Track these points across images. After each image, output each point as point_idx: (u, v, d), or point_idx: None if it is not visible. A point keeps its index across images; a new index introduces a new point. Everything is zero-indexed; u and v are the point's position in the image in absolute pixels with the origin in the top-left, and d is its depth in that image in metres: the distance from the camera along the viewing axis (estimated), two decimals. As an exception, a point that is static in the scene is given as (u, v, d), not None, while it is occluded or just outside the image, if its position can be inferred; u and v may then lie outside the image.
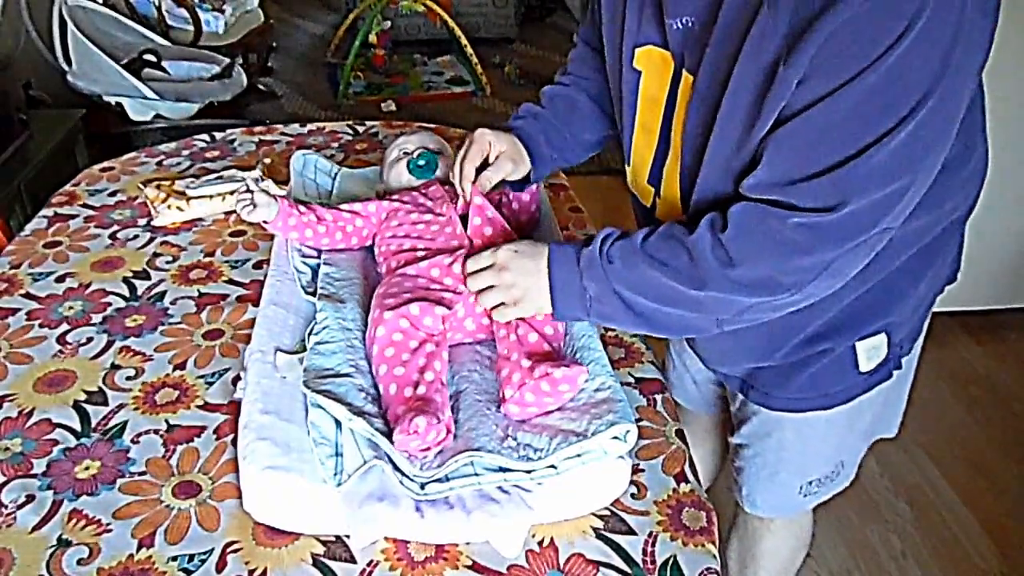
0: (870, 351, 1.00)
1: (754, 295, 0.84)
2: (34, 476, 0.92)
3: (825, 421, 1.06)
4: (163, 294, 1.22)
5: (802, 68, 0.73)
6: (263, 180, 1.47)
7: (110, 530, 0.86)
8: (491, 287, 0.98)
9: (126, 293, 1.23)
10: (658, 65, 0.91)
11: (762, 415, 1.10)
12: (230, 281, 1.26)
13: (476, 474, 0.85)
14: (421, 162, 1.22)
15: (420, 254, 1.07)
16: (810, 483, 1.14)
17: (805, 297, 0.85)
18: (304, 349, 1.00)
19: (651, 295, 0.89)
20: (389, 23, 4.33)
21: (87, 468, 0.93)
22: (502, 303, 0.97)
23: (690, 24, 0.84)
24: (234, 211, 1.42)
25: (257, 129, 1.78)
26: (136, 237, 1.37)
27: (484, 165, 1.11)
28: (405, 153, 1.26)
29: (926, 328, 1.09)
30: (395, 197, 1.19)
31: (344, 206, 1.19)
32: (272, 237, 1.24)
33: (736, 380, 1.09)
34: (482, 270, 0.98)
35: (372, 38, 4.16)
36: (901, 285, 0.97)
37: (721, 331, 0.90)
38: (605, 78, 1.08)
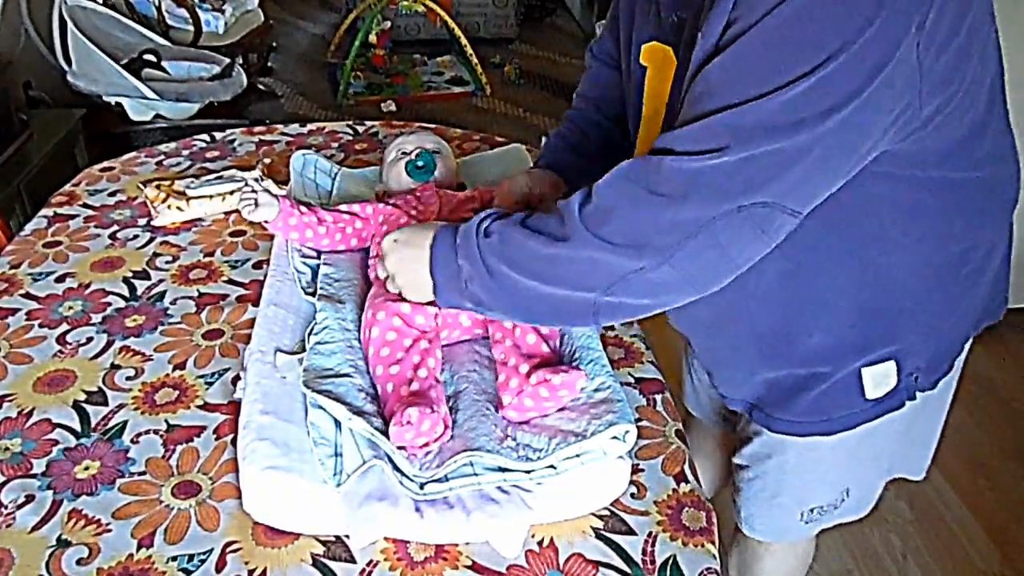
0: (877, 378, 0.94)
1: (623, 256, 0.77)
2: (34, 476, 0.92)
3: (829, 447, 1.00)
4: (163, 294, 1.22)
5: (724, 16, 0.71)
6: (263, 180, 1.47)
7: (110, 530, 0.86)
8: (388, 277, 0.98)
9: (126, 293, 1.23)
10: (661, 60, 0.91)
11: (764, 437, 1.05)
12: (230, 281, 1.26)
13: (476, 474, 0.85)
14: (420, 163, 1.22)
15: None
16: (811, 510, 1.09)
17: (684, 277, 0.78)
18: (304, 349, 1.00)
19: (520, 267, 0.83)
20: (389, 23, 4.32)
21: (87, 468, 0.93)
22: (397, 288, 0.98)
23: (684, 17, 0.84)
24: (234, 211, 1.42)
25: (257, 129, 1.78)
26: (136, 237, 1.37)
27: (526, 204, 1.08)
28: (403, 154, 1.26)
29: (959, 366, 1.03)
30: (391, 201, 1.19)
31: (343, 207, 1.19)
32: (272, 237, 1.24)
33: (740, 401, 1.05)
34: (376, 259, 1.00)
35: (372, 38, 4.16)
36: (908, 309, 0.91)
37: (596, 324, 0.85)
38: (622, 96, 1.06)
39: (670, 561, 0.84)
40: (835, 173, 0.74)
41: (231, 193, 1.43)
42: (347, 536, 0.85)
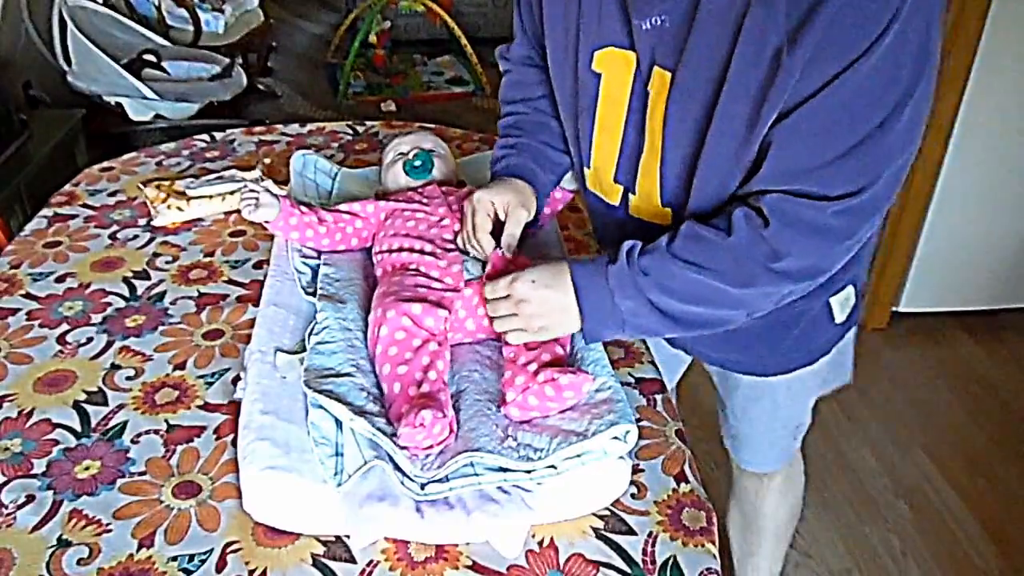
0: (843, 303, 1.07)
1: (799, 283, 0.88)
2: (34, 476, 0.92)
3: (810, 373, 1.15)
4: (163, 294, 1.22)
5: (806, 55, 0.76)
6: (263, 180, 1.47)
7: (110, 530, 0.86)
8: (511, 316, 0.96)
9: (126, 293, 1.23)
10: (619, 66, 0.92)
11: (750, 381, 1.18)
12: (230, 281, 1.26)
13: (476, 474, 0.85)
14: (417, 163, 1.22)
15: (415, 256, 1.07)
16: (798, 427, 1.27)
17: (831, 268, 0.89)
18: (304, 349, 1.00)
19: (690, 299, 0.89)
20: (389, 23, 4.33)
21: (87, 468, 0.93)
22: (521, 330, 0.96)
23: (662, 22, 0.85)
24: (234, 211, 1.42)
25: (257, 129, 1.78)
26: (136, 237, 1.37)
27: (497, 224, 1.07)
28: (400, 154, 1.26)
29: None
30: (392, 199, 1.19)
31: (343, 207, 1.19)
32: (272, 237, 1.24)
33: (719, 360, 1.16)
34: (501, 299, 0.96)
35: (372, 38, 4.16)
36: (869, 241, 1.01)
37: (749, 318, 0.93)
38: (548, 94, 1.09)
39: (670, 561, 0.84)
40: None
41: (231, 193, 1.43)
42: (347, 536, 0.85)
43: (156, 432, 0.98)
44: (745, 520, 1.45)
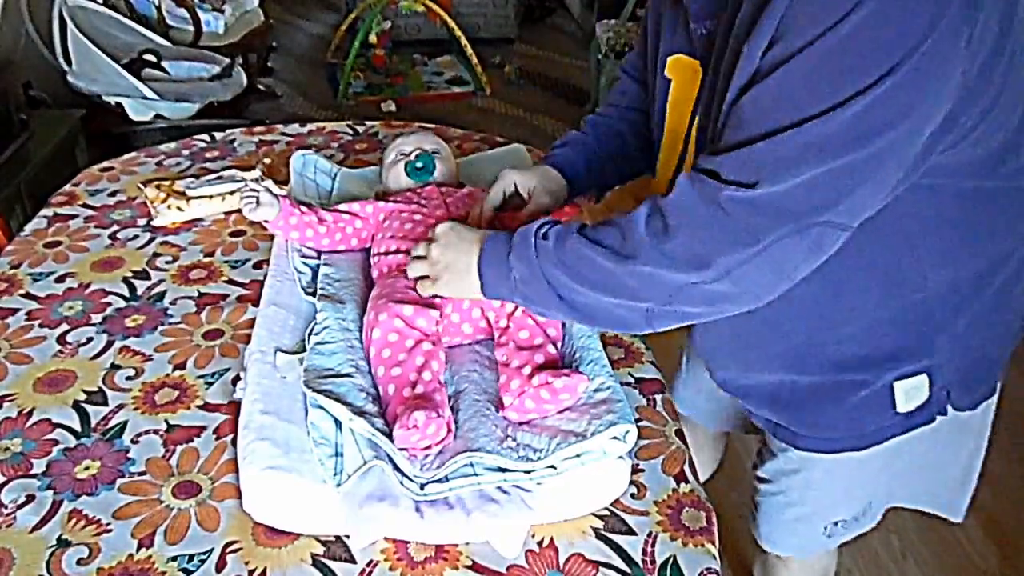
0: (908, 391, 0.93)
1: (682, 271, 0.79)
2: (34, 476, 0.92)
3: (857, 461, 0.99)
4: (163, 294, 1.22)
5: (766, 37, 0.72)
6: (263, 180, 1.47)
7: (110, 530, 0.86)
8: (422, 258, 0.98)
9: (126, 293, 1.23)
10: (687, 73, 0.91)
11: (790, 453, 1.03)
12: (230, 281, 1.26)
13: (476, 474, 0.85)
14: (418, 164, 1.22)
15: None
16: (836, 524, 1.08)
17: (741, 290, 0.79)
18: (304, 349, 1.00)
19: (577, 276, 0.85)
20: (389, 23, 4.33)
21: (87, 468, 0.93)
22: (425, 276, 0.97)
23: (712, 29, 0.84)
24: (234, 211, 1.42)
25: (257, 129, 1.78)
26: (136, 237, 1.37)
27: (519, 203, 1.08)
28: (402, 155, 1.26)
29: (996, 393, 1.03)
30: (392, 199, 1.19)
31: (343, 207, 1.19)
32: (272, 237, 1.24)
33: (763, 420, 1.03)
34: (426, 242, 0.99)
35: (372, 38, 4.16)
36: (939, 322, 0.90)
37: (652, 329, 0.86)
38: (646, 112, 1.06)
39: (670, 561, 0.84)
40: (886, 188, 0.75)
41: (231, 193, 1.43)
42: (347, 536, 0.85)
43: (156, 432, 0.98)
44: None
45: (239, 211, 1.41)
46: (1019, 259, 0.92)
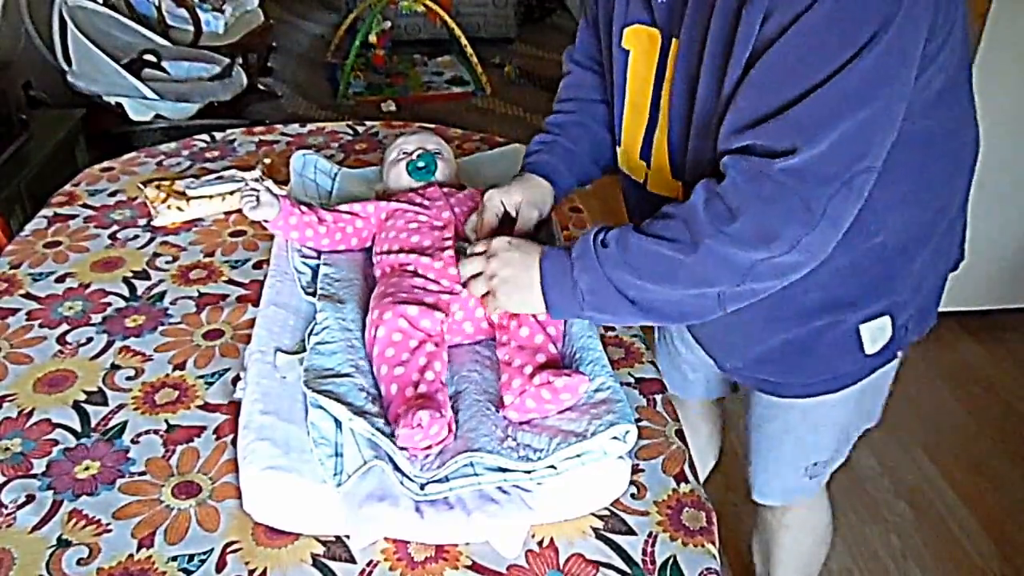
0: (874, 332, 0.99)
1: (752, 250, 0.81)
2: (34, 476, 0.92)
3: (831, 404, 1.07)
4: (163, 294, 1.22)
5: (763, 5, 0.75)
6: (263, 180, 1.47)
7: (110, 530, 0.86)
8: (480, 275, 0.97)
9: (126, 293, 1.23)
10: (645, 43, 0.92)
11: (766, 399, 1.11)
12: (230, 281, 1.26)
13: (476, 474, 0.85)
14: (420, 164, 1.22)
15: (413, 257, 1.07)
16: (815, 464, 1.16)
17: (807, 256, 0.83)
18: (304, 349, 1.00)
19: (647, 273, 0.86)
20: (389, 23, 4.32)
21: (87, 468, 0.93)
22: (489, 293, 0.96)
23: None
24: (234, 211, 1.42)
25: (257, 129, 1.78)
26: (136, 237, 1.37)
27: (508, 220, 1.07)
28: (404, 154, 1.26)
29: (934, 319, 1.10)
30: (393, 199, 1.19)
31: (343, 207, 1.19)
32: (272, 237, 1.24)
33: (745, 374, 1.09)
34: (475, 255, 0.98)
35: (372, 38, 4.16)
36: (898, 266, 0.96)
37: (724, 312, 0.88)
38: (606, 100, 1.07)
39: (670, 561, 0.84)
40: (899, 121, 0.80)
41: (231, 193, 1.43)
42: (347, 536, 0.85)
43: (156, 432, 0.98)
44: (763, 549, 1.37)
45: (239, 211, 1.41)
46: (959, 203, 1.01)
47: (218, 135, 1.74)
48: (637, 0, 0.92)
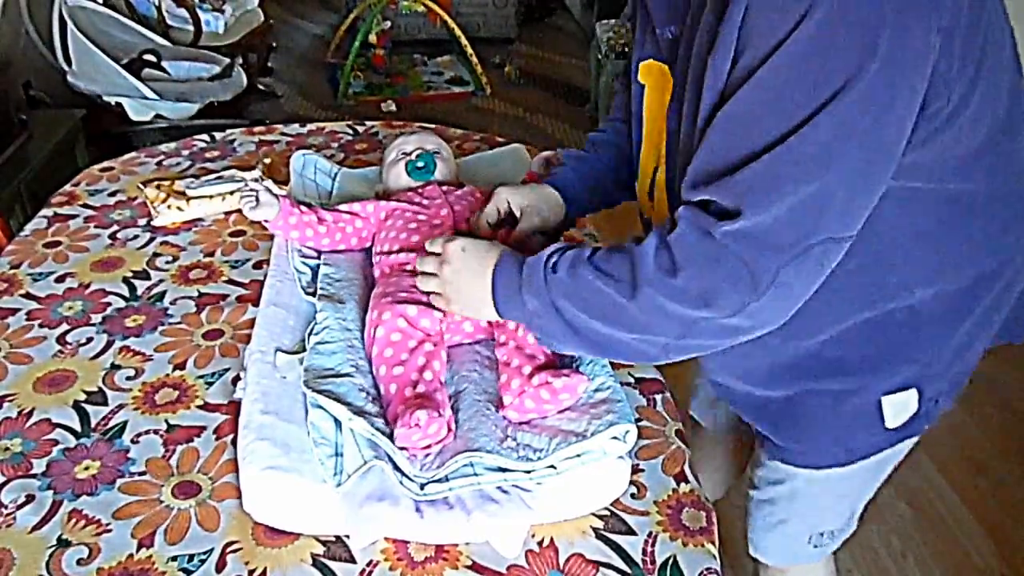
0: (897, 407, 0.89)
1: (692, 308, 0.75)
2: (34, 476, 0.92)
3: (842, 476, 0.96)
4: (163, 294, 1.22)
5: (730, 50, 0.70)
6: (263, 180, 1.47)
7: (110, 530, 0.86)
8: (433, 274, 0.95)
9: (126, 293, 1.23)
10: (657, 77, 0.89)
11: (777, 462, 1.00)
12: (230, 281, 1.26)
13: (476, 474, 0.85)
14: (420, 164, 1.22)
15: (413, 256, 1.07)
16: (821, 535, 1.06)
17: (756, 322, 0.76)
18: (304, 349, 1.00)
19: (590, 309, 0.81)
20: (389, 23, 4.33)
21: (87, 468, 0.93)
22: (438, 294, 0.95)
23: (676, 33, 0.83)
24: (234, 211, 1.42)
25: (257, 129, 1.78)
26: (136, 237, 1.37)
27: (513, 221, 1.06)
28: (403, 154, 1.26)
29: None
30: (393, 199, 1.19)
31: (343, 207, 1.19)
32: (272, 237, 1.24)
33: (755, 429, 1.00)
34: (432, 255, 0.96)
35: (372, 38, 4.17)
36: (928, 337, 0.86)
37: (669, 360, 0.82)
38: None
39: (670, 561, 0.84)
40: (877, 187, 0.72)
41: (231, 193, 1.43)
42: (347, 536, 0.85)
43: (156, 432, 0.98)
44: None
45: (239, 211, 1.41)
46: (1011, 272, 0.88)
47: (218, 135, 1.74)
48: (649, 35, 0.89)
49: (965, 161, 0.77)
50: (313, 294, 1.10)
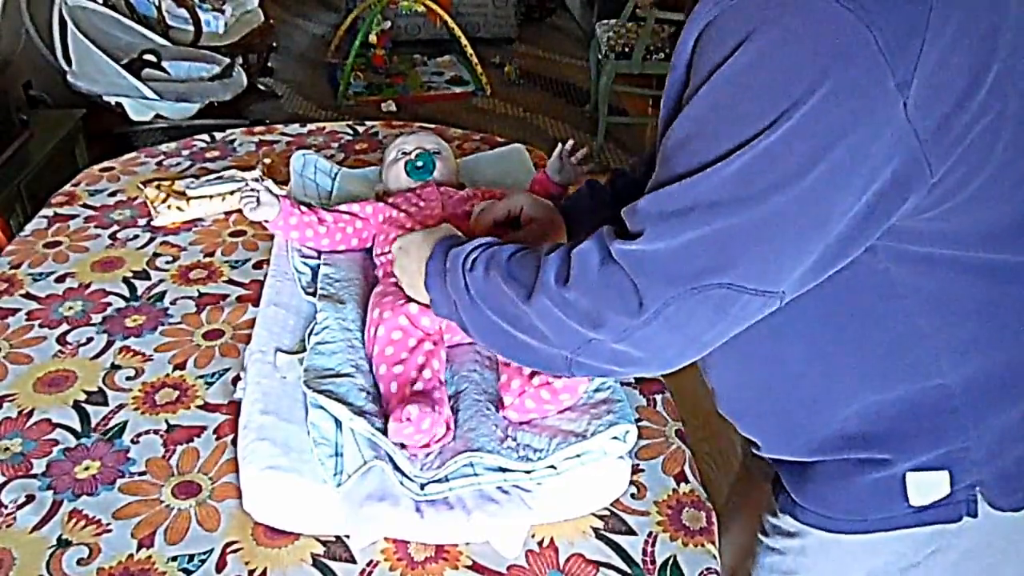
0: (923, 486, 0.79)
1: (582, 325, 0.72)
2: (34, 476, 0.92)
3: (859, 544, 0.85)
4: (163, 294, 1.22)
5: (676, 77, 0.68)
6: (263, 180, 1.47)
7: (110, 530, 0.86)
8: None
9: (126, 293, 1.23)
10: None
11: (789, 516, 0.91)
12: (230, 281, 1.26)
13: (476, 474, 0.85)
14: (419, 164, 1.22)
15: None
16: None
17: (648, 354, 0.71)
18: (304, 349, 1.00)
19: (499, 311, 0.79)
20: (389, 23, 4.33)
21: (87, 468, 0.93)
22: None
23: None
24: (234, 211, 1.42)
25: (257, 129, 1.78)
26: (136, 237, 1.37)
27: (517, 225, 1.06)
28: (403, 154, 1.26)
29: None
30: (391, 200, 1.20)
31: (343, 207, 1.19)
32: (272, 237, 1.24)
33: (774, 477, 0.92)
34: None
35: (372, 38, 4.16)
36: (963, 418, 0.77)
37: (574, 375, 0.79)
38: None
39: (670, 561, 0.84)
40: (804, 250, 0.65)
41: (231, 193, 1.43)
42: (347, 536, 0.85)
43: (156, 432, 0.98)
44: None
45: (239, 211, 1.41)
46: None
47: (218, 135, 1.74)
48: None
49: (1003, 230, 0.70)
50: (313, 294, 1.10)
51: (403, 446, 0.86)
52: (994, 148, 0.65)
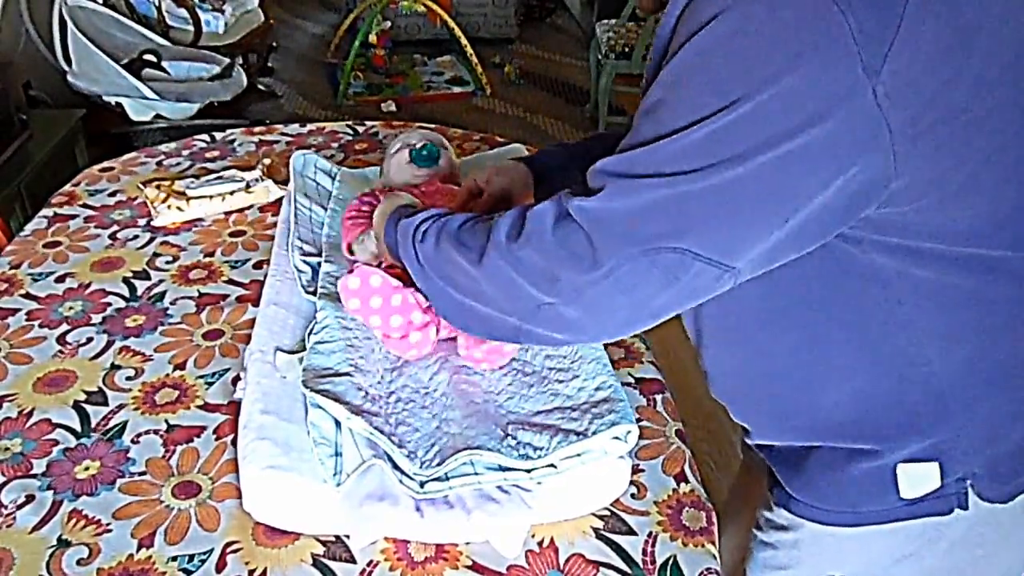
0: (914, 478, 0.80)
1: (533, 285, 0.72)
2: (34, 476, 0.92)
3: (851, 537, 0.86)
4: (163, 294, 1.22)
5: (658, 53, 0.70)
6: (263, 180, 1.47)
7: (110, 530, 0.86)
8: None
9: (126, 293, 1.23)
10: None
11: (782, 508, 0.91)
12: (230, 281, 1.26)
13: (476, 473, 0.85)
14: (424, 152, 1.22)
15: None
16: None
17: (591, 317, 0.72)
18: (304, 349, 1.00)
19: (452, 282, 0.81)
20: (389, 23, 4.33)
21: (87, 468, 0.93)
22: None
23: None
24: (234, 211, 1.42)
25: (257, 129, 1.78)
26: (136, 237, 1.37)
27: (505, 205, 1.04)
28: (408, 145, 1.25)
29: None
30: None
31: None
32: (272, 237, 1.24)
33: (769, 470, 0.92)
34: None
35: (372, 38, 4.17)
36: (953, 411, 0.77)
37: (522, 343, 0.81)
38: None
39: (670, 561, 0.84)
40: (762, 227, 0.66)
41: (231, 193, 1.43)
42: (347, 536, 0.85)
43: (156, 432, 0.98)
44: None
45: (239, 211, 1.41)
46: None
47: (218, 135, 1.74)
48: None
49: (986, 227, 0.69)
50: (314, 293, 1.10)
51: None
52: (971, 147, 0.65)
